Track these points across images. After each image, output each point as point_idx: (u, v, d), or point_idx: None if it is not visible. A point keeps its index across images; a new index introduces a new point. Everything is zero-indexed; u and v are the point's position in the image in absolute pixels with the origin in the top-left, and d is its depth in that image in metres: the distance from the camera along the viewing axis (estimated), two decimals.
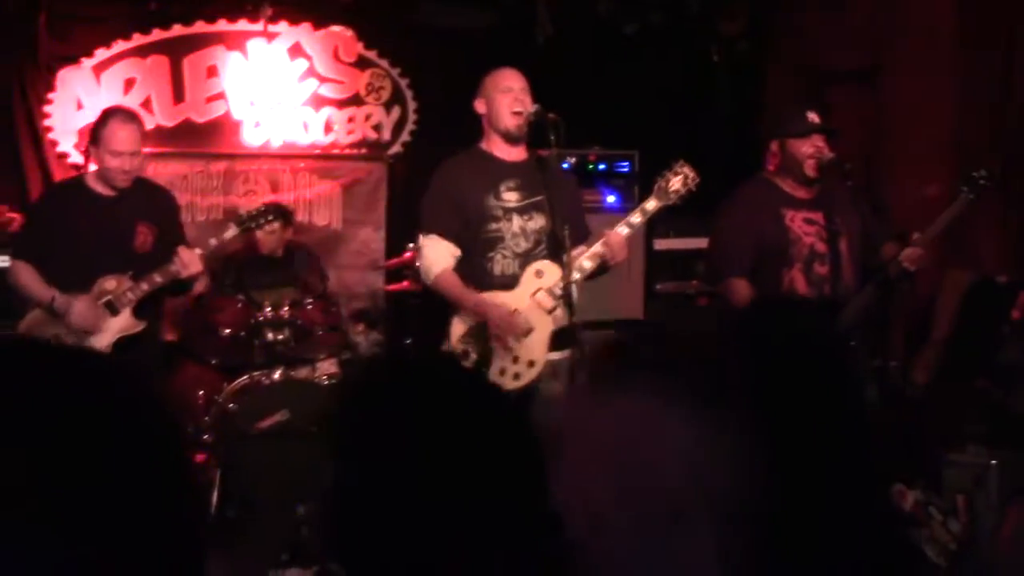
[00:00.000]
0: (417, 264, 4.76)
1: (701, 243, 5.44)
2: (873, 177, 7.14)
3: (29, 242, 5.06)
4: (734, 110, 8.23)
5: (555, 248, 4.50)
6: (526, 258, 4.52)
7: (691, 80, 8.48)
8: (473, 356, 4.42)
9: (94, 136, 4.95)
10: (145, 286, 4.88)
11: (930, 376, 6.44)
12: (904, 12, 7.22)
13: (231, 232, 5.20)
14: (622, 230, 4.50)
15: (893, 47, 7.31)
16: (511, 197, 4.53)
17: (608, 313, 7.03)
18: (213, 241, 5.14)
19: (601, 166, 7.72)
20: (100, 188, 5.00)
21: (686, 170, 4.55)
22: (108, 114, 5.05)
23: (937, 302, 6.62)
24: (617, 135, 7.84)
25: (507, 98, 4.56)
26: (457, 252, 4.53)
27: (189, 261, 4.87)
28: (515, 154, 4.61)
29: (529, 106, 4.55)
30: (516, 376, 4.43)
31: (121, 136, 4.88)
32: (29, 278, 4.90)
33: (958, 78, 6.99)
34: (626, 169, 7.74)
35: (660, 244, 7.29)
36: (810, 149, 4.81)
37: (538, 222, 4.54)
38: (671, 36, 8.40)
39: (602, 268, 4.55)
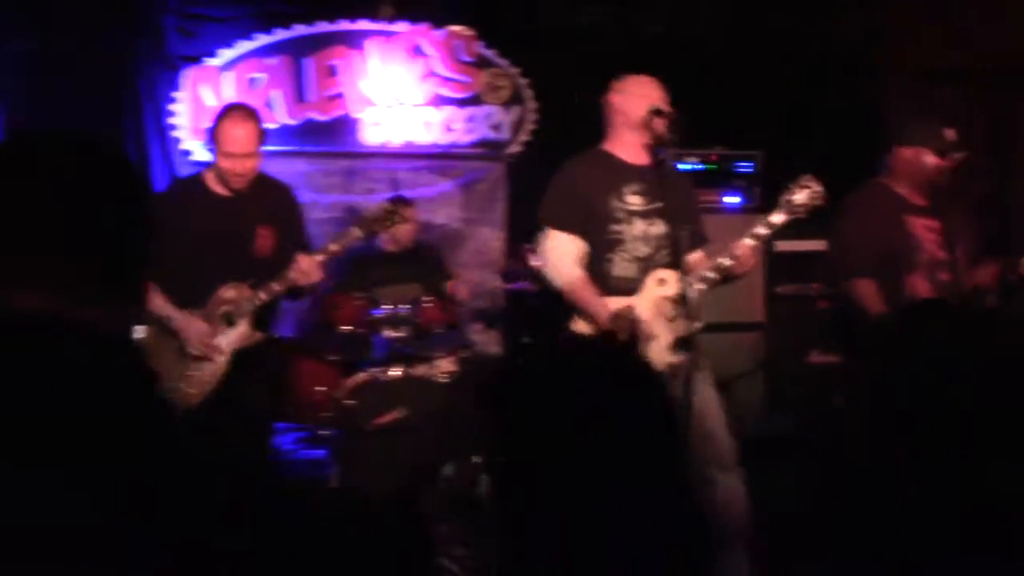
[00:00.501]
0: (538, 261, 4.66)
1: (822, 245, 5.32)
2: (997, 181, 6.95)
3: None
4: (851, 111, 8.05)
5: (675, 254, 4.41)
6: (646, 263, 4.43)
7: (812, 80, 8.31)
8: None
9: (211, 136, 4.71)
10: (264, 296, 4.67)
11: None
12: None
13: (354, 235, 4.89)
14: (749, 242, 4.39)
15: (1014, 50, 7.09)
16: (635, 200, 4.45)
17: (728, 316, 6.93)
18: (333, 247, 4.80)
19: (723, 167, 7.60)
20: (219, 188, 4.75)
21: (812, 184, 4.43)
22: (224, 112, 4.77)
23: None
24: (740, 135, 7.72)
25: (642, 103, 4.47)
26: (585, 249, 4.43)
27: (309, 269, 4.64)
28: (639, 158, 4.51)
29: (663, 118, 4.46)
30: None
31: (234, 136, 4.62)
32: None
33: None
34: (749, 169, 7.62)
35: (781, 246, 7.13)
36: (944, 165, 4.74)
37: (660, 228, 4.45)
38: (794, 34, 8.25)
39: (727, 278, 4.45)
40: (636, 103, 4.45)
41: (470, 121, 8.05)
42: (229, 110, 4.78)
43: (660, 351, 4.36)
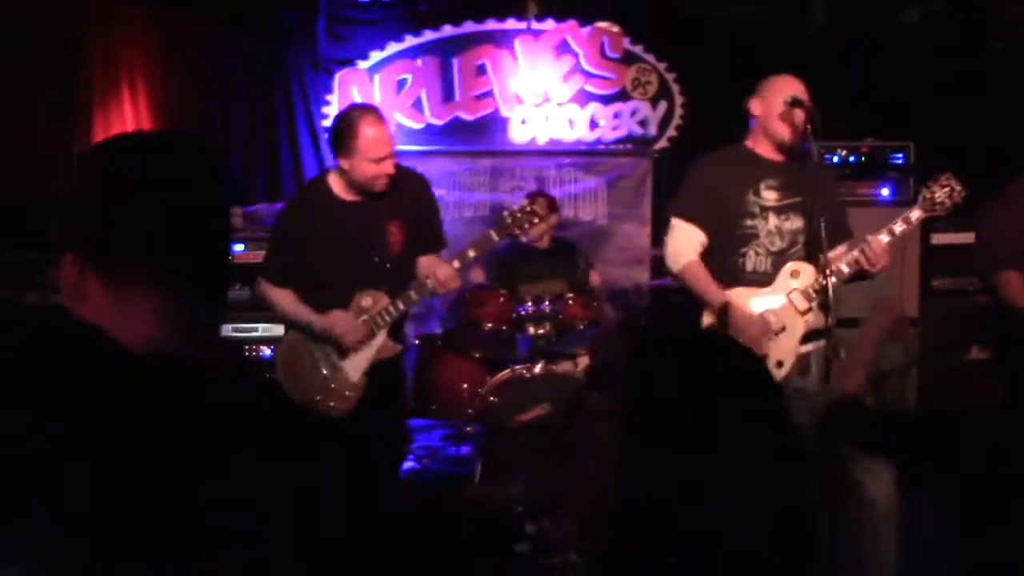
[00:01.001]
0: (664, 248, 4.63)
1: None
2: None
3: (275, 264, 4.63)
4: (1018, 98, 7.77)
5: (812, 250, 4.35)
6: (780, 257, 4.39)
7: (970, 69, 8.05)
8: None
9: (344, 145, 4.37)
10: (402, 306, 4.50)
11: None
12: None
13: (492, 239, 4.60)
14: (883, 237, 4.29)
15: None
16: (770, 196, 4.41)
17: None
18: (472, 252, 4.56)
19: (875, 158, 7.42)
20: (346, 195, 4.52)
21: (952, 183, 4.32)
22: (355, 118, 4.41)
23: None
24: (892, 126, 7.53)
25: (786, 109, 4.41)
26: (704, 240, 4.42)
27: (447, 279, 4.44)
28: (779, 153, 4.47)
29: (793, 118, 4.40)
30: None
31: (379, 140, 4.37)
32: (285, 300, 4.56)
33: None
34: (900, 161, 7.42)
35: (938, 239, 6.93)
36: None
37: (795, 223, 4.40)
38: (948, 23, 8.01)
39: (860, 275, 4.36)
40: (775, 98, 4.40)
41: (616, 117, 8.05)
42: (360, 114, 4.45)
43: (790, 341, 4.31)
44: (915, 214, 4.33)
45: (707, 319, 4.41)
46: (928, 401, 6.63)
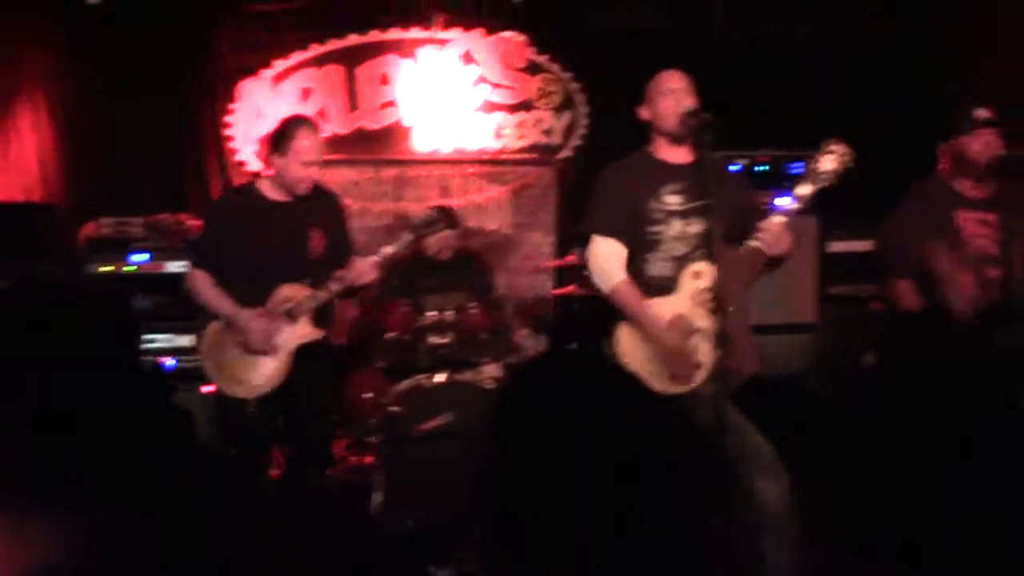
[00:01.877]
0: (587, 267, 4.64)
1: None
2: None
3: (207, 249, 4.99)
4: (918, 107, 7.92)
5: (714, 252, 4.38)
6: (682, 262, 4.41)
7: (870, 79, 8.20)
8: (642, 361, 4.33)
9: (279, 145, 4.89)
10: (322, 295, 4.89)
11: None
12: None
13: (407, 239, 5.11)
14: (776, 219, 4.31)
15: None
16: (673, 200, 4.41)
17: (780, 317, 6.88)
18: (388, 249, 4.99)
19: (775, 168, 7.55)
20: (274, 195, 4.97)
21: (837, 147, 4.30)
22: (294, 123, 4.98)
23: None
24: (794, 136, 7.65)
25: (669, 100, 4.45)
26: (625, 253, 4.44)
27: (365, 269, 4.90)
28: (681, 156, 4.48)
29: (691, 106, 4.43)
30: (687, 380, 4.34)
31: (310, 146, 4.88)
32: (207, 287, 4.87)
33: None
34: (801, 171, 7.51)
35: (834, 247, 7.08)
36: (979, 146, 4.67)
37: (698, 226, 4.42)
38: (850, 34, 8.16)
39: (769, 263, 4.37)
40: (666, 103, 4.43)
41: (521, 127, 8.09)
42: (300, 122, 5.02)
43: (706, 345, 4.33)
44: (803, 188, 4.30)
45: (625, 333, 4.39)
46: (823, 404, 6.72)
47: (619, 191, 4.46)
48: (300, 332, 4.90)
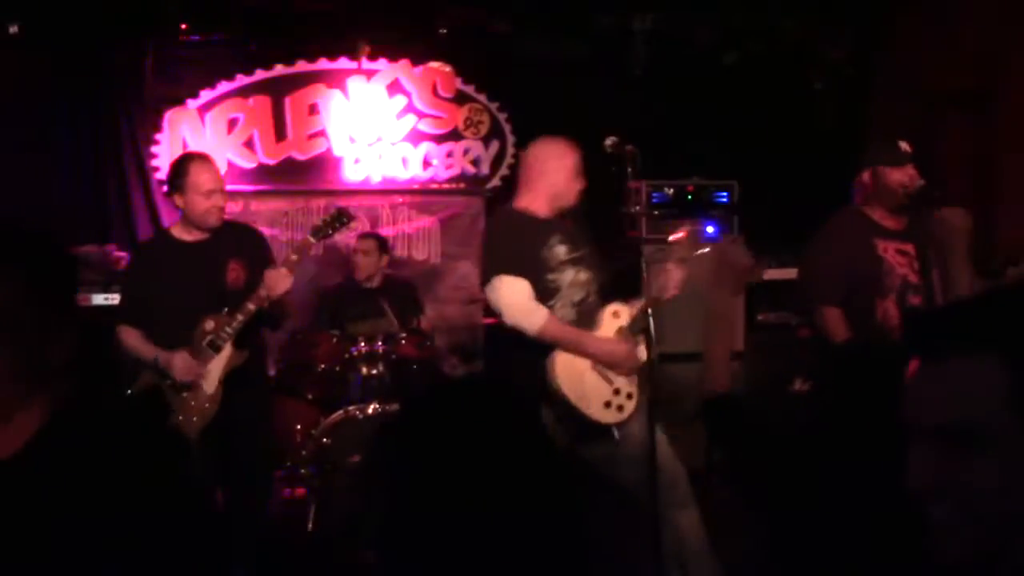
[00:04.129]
0: (501, 309, 4.54)
1: None
2: (984, 202, 6.92)
3: (129, 304, 5.04)
4: (838, 137, 8.07)
5: (604, 297, 4.51)
6: (580, 307, 4.45)
7: (792, 109, 8.35)
8: (577, 391, 4.33)
9: (177, 184, 4.89)
10: (240, 316, 4.82)
11: None
12: (1020, 31, 6.99)
13: (310, 242, 5.10)
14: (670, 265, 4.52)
15: (1008, 69, 7.09)
16: (562, 250, 4.45)
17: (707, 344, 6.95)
18: (294, 256, 4.92)
19: (700, 197, 7.67)
20: (186, 236, 4.97)
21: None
22: (185, 159, 5.03)
23: None
24: (716, 166, 7.77)
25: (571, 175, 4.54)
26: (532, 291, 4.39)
27: (276, 280, 4.78)
28: (550, 213, 4.54)
29: (581, 183, 4.54)
30: (620, 408, 4.36)
31: (208, 176, 4.87)
32: (133, 340, 4.88)
33: None
34: (725, 200, 7.67)
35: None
36: (903, 178, 4.77)
37: (586, 274, 4.48)
38: (771, 65, 8.30)
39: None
40: (558, 171, 4.50)
41: (449, 156, 8.14)
42: (190, 157, 5.07)
43: (634, 381, 4.39)
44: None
45: (561, 362, 4.35)
46: (755, 429, 6.80)
47: (515, 235, 4.45)
48: (224, 358, 4.86)
